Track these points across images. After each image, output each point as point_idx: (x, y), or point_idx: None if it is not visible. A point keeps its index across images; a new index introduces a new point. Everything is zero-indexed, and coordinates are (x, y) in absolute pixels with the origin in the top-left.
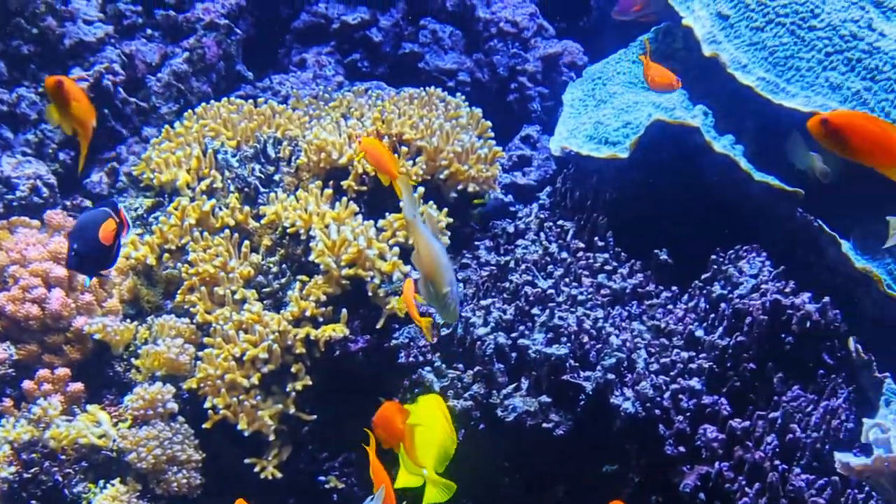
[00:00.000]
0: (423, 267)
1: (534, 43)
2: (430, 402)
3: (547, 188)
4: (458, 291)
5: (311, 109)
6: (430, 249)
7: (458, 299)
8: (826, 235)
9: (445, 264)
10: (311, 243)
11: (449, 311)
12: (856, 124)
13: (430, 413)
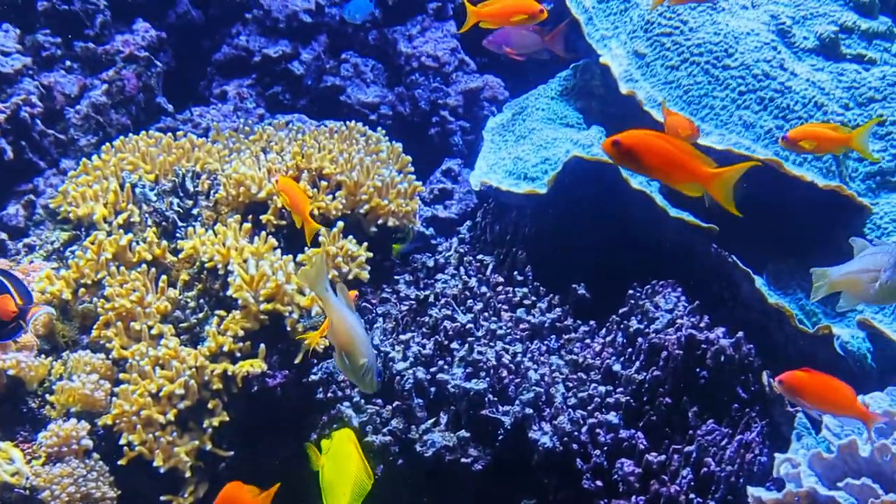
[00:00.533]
0: (337, 341)
1: (455, 77)
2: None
3: (467, 222)
4: (374, 362)
5: (231, 142)
6: (344, 323)
7: (374, 370)
8: (740, 271)
9: (360, 336)
10: (229, 278)
11: (365, 382)
12: (646, 143)
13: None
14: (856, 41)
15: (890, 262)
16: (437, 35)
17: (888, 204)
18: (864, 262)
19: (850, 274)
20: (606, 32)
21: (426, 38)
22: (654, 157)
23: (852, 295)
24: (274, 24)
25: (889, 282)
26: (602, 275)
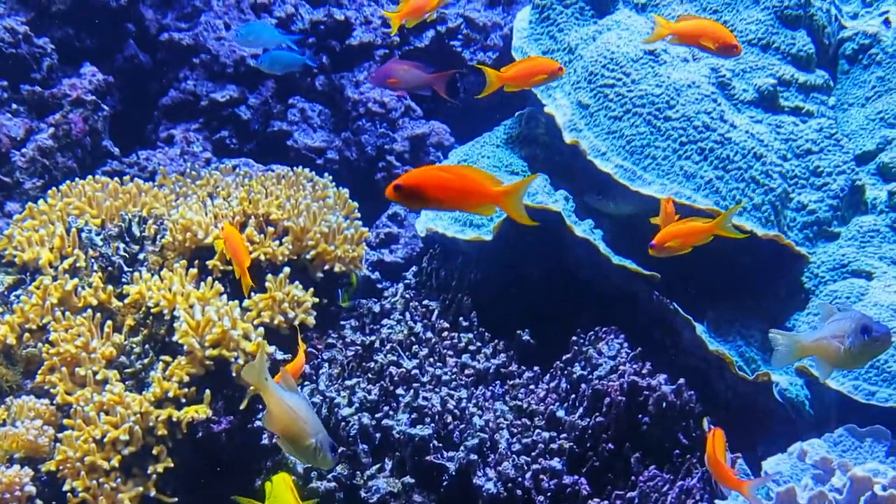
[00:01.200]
0: (277, 430)
1: (402, 123)
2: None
3: (413, 267)
4: (325, 437)
5: (178, 187)
6: (283, 410)
7: (327, 444)
8: (681, 318)
9: (303, 417)
10: (175, 323)
11: (318, 460)
12: (427, 180)
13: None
14: (794, 94)
15: (852, 329)
16: None
17: (825, 253)
18: (831, 329)
19: (818, 341)
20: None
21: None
22: (438, 191)
23: (824, 361)
24: (222, 68)
25: (852, 347)
26: (547, 321)
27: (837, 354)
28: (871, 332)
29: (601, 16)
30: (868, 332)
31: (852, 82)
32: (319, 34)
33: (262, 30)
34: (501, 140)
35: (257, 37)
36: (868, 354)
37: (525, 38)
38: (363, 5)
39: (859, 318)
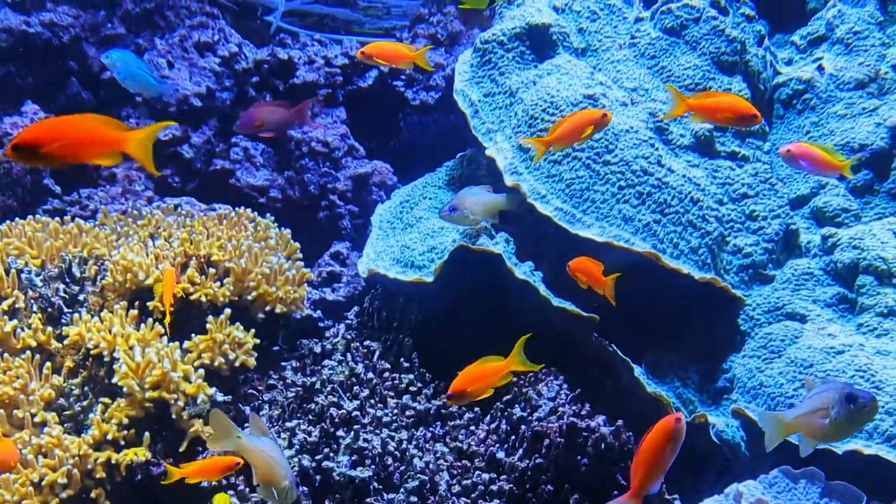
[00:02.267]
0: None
1: (345, 163)
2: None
3: (355, 308)
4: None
5: (119, 227)
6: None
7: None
8: (619, 359)
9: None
10: (114, 365)
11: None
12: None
13: None
14: (729, 139)
15: (836, 399)
16: (328, 121)
17: (760, 296)
18: (814, 402)
19: (802, 416)
20: (492, 126)
21: (316, 124)
22: (57, 147)
23: (809, 436)
24: (164, 107)
25: (838, 417)
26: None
27: (823, 427)
28: (857, 401)
29: (541, 60)
30: (853, 400)
31: (787, 127)
32: (263, 73)
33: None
34: (443, 182)
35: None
36: (855, 423)
37: (467, 80)
38: (307, 45)
39: (842, 387)
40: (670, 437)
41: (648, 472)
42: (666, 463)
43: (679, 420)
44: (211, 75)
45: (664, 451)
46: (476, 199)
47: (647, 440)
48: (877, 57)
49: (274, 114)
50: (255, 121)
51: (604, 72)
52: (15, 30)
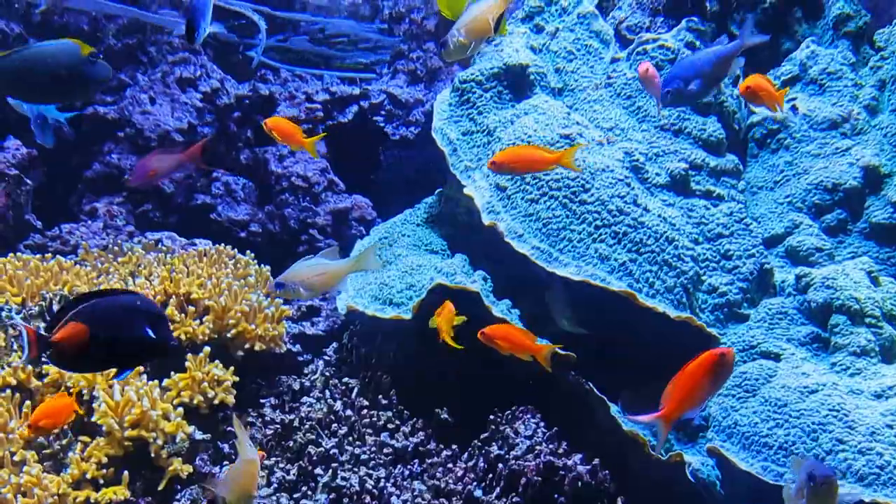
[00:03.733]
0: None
1: (324, 197)
2: None
3: (334, 343)
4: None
5: (100, 264)
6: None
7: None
8: (595, 398)
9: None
10: (94, 404)
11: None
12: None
13: None
14: (705, 178)
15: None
16: (308, 156)
17: (735, 334)
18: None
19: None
20: (470, 164)
21: (297, 159)
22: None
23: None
24: (146, 142)
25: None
26: (465, 398)
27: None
28: (816, 479)
29: (519, 100)
30: (813, 479)
31: (761, 166)
32: (244, 108)
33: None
34: (422, 219)
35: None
36: (823, 499)
37: (445, 119)
38: (288, 81)
39: (807, 466)
40: (715, 369)
41: (684, 398)
42: (704, 393)
43: (726, 355)
44: (193, 111)
45: (705, 381)
46: (309, 273)
47: (691, 367)
48: (850, 97)
49: (164, 161)
50: (148, 171)
51: (580, 112)
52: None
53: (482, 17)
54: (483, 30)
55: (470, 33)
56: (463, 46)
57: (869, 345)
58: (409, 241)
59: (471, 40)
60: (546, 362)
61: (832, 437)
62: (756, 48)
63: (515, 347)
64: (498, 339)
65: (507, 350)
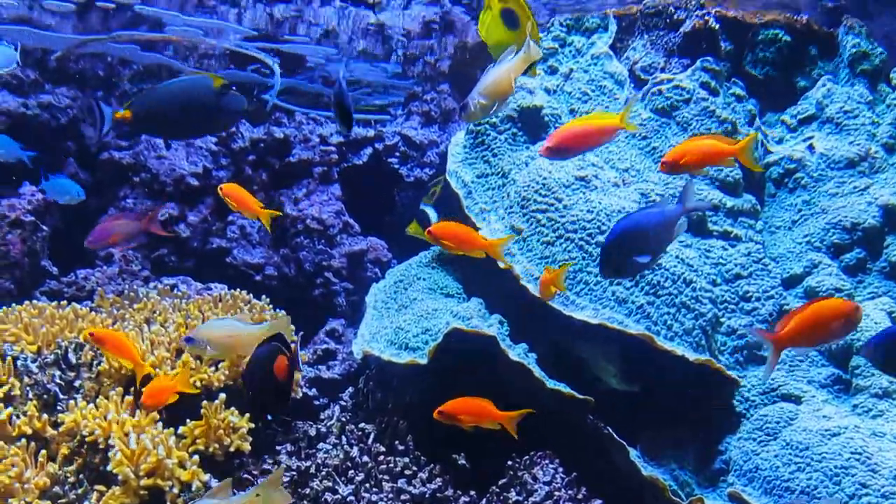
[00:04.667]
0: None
1: (340, 240)
2: None
3: (349, 388)
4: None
5: (116, 310)
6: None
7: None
8: (615, 442)
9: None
10: (109, 452)
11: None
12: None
13: None
14: (722, 219)
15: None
16: (323, 198)
17: (755, 377)
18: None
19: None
20: (485, 206)
21: (312, 202)
22: None
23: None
24: (161, 187)
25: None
26: (483, 444)
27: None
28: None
29: (534, 141)
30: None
31: (779, 206)
32: (259, 152)
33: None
34: (437, 261)
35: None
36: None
37: (460, 161)
38: (302, 124)
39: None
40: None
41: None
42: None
43: (858, 310)
44: (208, 155)
45: (829, 324)
46: (219, 333)
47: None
48: (867, 136)
49: (127, 227)
50: (110, 236)
51: (595, 153)
52: (13, 112)
53: (506, 79)
54: (506, 91)
55: (492, 95)
56: (485, 108)
57: (891, 386)
58: (424, 285)
59: (493, 101)
60: (514, 430)
61: (855, 480)
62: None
63: (480, 419)
64: (460, 415)
65: (472, 423)
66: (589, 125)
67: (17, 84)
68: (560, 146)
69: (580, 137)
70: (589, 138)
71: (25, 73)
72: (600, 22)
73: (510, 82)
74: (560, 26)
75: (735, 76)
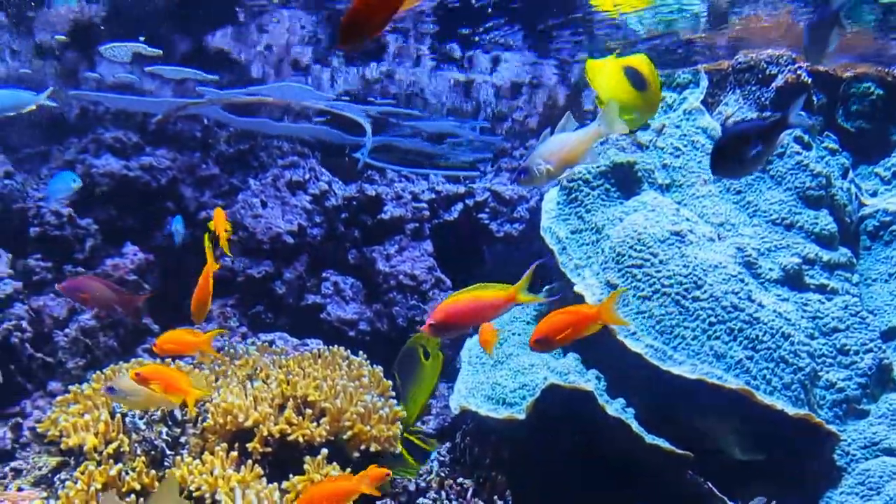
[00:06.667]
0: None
1: (432, 295)
2: None
3: (446, 443)
4: None
5: (217, 366)
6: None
7: None
8: (717, 499)
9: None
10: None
11: None
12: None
13: None
14: (818, 272)
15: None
16: (415, 254)
17: (855, 431)
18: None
19: None
20: (580, 262)
21: (404, 258)
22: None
23: None
24: (258, 245)
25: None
26: (581, 499)
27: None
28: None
29: (627, 197)
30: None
31: (874, 258)
32: (352, 209)
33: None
34: (532, 316)
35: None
36: None
37: (553, 217)
38: (393, 181)
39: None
40: None
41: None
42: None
43: None
44: (302, 213)
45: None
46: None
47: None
48: None
49: (101, 292)
50: (83, 292)
51: (689, 207)
52: (116, 174)
53: (577, 148)
54: (574, 161)
55: (560, 162)
56: (550, 175)
57: None
58: (520, 340)
59: (560, 169)
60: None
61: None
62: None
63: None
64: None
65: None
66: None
67: (120, 147)
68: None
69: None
70: (479, 313)
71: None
72: (692, 77)
73: (581, 152)
74: None
75: (828, 129)
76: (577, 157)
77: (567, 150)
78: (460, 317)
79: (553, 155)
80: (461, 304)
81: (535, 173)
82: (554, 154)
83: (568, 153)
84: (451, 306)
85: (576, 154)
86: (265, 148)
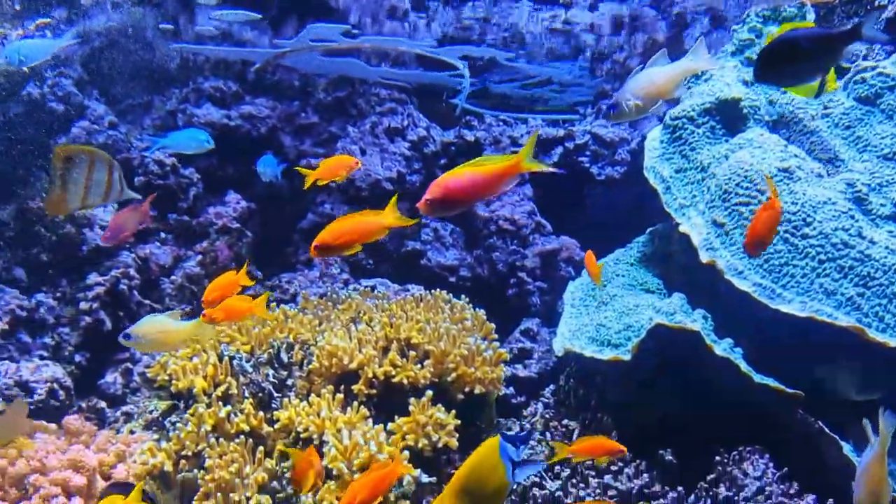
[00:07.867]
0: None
1: (532, 240)
2: None
3: (550, 385)
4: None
5: (320, 311)
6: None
7: None
8: (826, 437)
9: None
10: (323, 448)
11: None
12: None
13: None
14: None
15: None
16: (514, 199)
17: None
18: None
19: None
20: (685, 202)
21: (503, 203)
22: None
23: None
24: (357, 192)
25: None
26: (688, 439)
27: None
28: None
29: (732, 135)
30: None
31: None
32: (450, 155)
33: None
34: (635, 258)
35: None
36: None
37: (657, 157)
38: (492, 126)
39: None
40: None
41: None
42: None
43: None
44: (401, 159)
45: None
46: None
47: None
48: None
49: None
50: (122, 233)
51: (797, 144)
52: (217, 123)
53: (667, 83)
54: (664, 95)
55: (649, 97)
56: (639, 110)
57: None
58: (623, 281)
59: (649, 103)
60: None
61: None
62: None
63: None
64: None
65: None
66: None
67: (220, 97)
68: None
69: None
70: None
71: (227, 85)
72: (797, 11)
73: (670, 88)
74: (756, 17)
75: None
76: (667, 92)
77: (656, 85)
78: (461, 191)
79: (642, 89)
80: (461, 176)
81: (624, 108)
82: (643, 89)
83: (657, 88)
84: (449, 180)
85: (665, 89)
86: (363, 95)
